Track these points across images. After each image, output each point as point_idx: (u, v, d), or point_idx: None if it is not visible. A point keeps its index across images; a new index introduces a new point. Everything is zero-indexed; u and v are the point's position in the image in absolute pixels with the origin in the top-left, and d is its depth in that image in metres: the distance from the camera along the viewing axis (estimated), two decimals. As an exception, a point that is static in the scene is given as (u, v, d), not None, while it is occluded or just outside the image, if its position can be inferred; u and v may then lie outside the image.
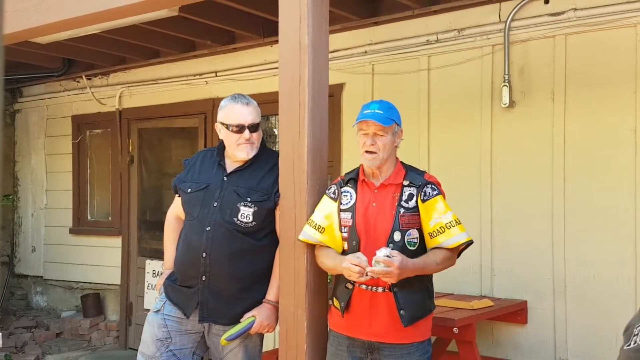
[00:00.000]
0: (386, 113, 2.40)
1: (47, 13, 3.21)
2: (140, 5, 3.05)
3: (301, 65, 2.51)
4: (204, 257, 2.64)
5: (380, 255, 2.20)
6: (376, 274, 2.21)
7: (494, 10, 3.88)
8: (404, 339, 2.37)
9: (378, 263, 2.19)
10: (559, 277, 3.63)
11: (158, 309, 2.78)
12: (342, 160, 4.42)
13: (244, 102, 2.72)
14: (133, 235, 5.86)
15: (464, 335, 3.26)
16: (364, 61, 4.40)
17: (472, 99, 3.95)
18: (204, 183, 2.74)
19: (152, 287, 5.48)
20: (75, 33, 4.32)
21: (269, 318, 2.64)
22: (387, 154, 2.42)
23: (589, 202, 3.55)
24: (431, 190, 2.39)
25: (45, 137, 6.59)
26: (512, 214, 3.80)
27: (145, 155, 5.95)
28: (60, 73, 5.98)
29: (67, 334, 6.06)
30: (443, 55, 4.08)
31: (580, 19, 3.57)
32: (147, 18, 4.10)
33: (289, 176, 2.55)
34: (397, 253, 2.22)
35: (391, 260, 2.18)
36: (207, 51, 5.06)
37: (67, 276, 6.36)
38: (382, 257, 2.19)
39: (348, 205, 2.44)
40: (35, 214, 6.67)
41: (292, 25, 2.54)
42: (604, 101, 3.52)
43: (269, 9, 3.89)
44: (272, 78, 4.46)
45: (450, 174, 3.82)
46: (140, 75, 5.74)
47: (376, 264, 2.20)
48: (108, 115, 6.00)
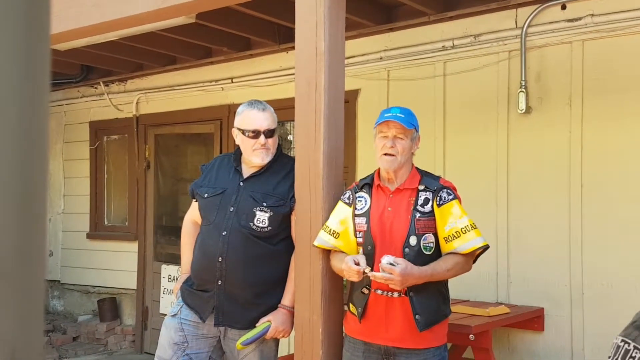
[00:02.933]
0: (407, 117, 2.42)
1: (68, 20, 3.26)
2: (158, 12, 3.09)
3: (317, 71, 2.52)
4: (220, 262, 2.66)
5: (384, 263, 2.21)
6: (378, 279, 2.23)
7: (511, 16, 3.87)
8: (420, 344, 2.37)
9: (382, 270, 2.21)
10: (577, 284, 3.60)
11: (175, 313, 2.80)
12: (357, 166, 4.42)
13: (260, 108, 2.74)
14: (149, 240, 5.90)
15: (480, 342, 3.24)
16: (380, 67, 4.41)
17: (488, 105, 3.94)
18: (220, 188, 2.76)
19: (168, 292, 5.52)
20: (94, 40, 4.38)
21: (285, 323, 2.65)
22: (405, 158, 2.43)
23: (607, 209, 3.52)
24: (447, 194, 2.39)
25: (63, 143, 6.66)
26: (528, 220, 3.78)
27: (161, 161, 6.00)
28: (78, 79, 6.05)
29: (84, 338, 6.11)
30: (459, 61, 4.07)
31: (597, 24, 3.55)
32: (164, 25, 4.14)
33: (305, 182, 2.56)
34: (402, 261, 2.22)
35: (393, 268, 2.18)
36: (223, 57, 5.10)
37: (84, 280, 6.42)
38: (386, 265, 2.20)
39: (363, 210, 2.44)
40: (53, 218, 6.74)
41: (308, 31, 2.55)
42: (622, 107, 3.50)
43: (285, 15, 3.92)
44: (287, 84, 4.48)
45: (466, 180, 3.81)
46: (157, 82, 5.79)
47: (381, 270, 2.21)
48: (125, 121, 6.06)
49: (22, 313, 0.35)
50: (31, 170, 0.35)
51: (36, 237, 0.36)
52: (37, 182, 0.35)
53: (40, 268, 0.36)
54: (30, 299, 0.35)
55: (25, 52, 0.36)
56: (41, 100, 0.37)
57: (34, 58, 0.36)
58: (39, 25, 0.37)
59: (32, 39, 0.36)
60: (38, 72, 0.37)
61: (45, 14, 0.38)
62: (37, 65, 0.37)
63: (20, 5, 0.36)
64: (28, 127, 0.36)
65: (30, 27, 0.36)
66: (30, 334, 0.36)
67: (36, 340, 0.36)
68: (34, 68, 0.37)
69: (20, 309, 0.35)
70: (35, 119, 0.37)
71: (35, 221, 0.36)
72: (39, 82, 0.37)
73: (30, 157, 0.35)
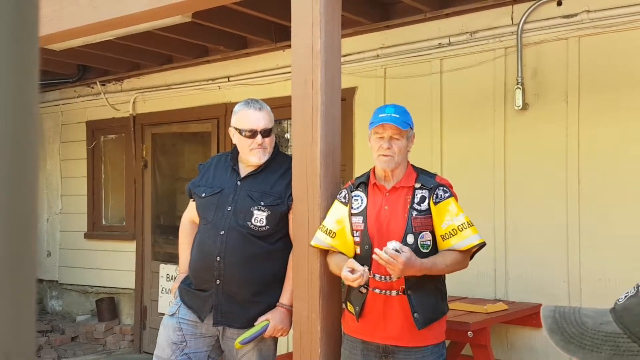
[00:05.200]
0: (402, 117, 2.41)
1: (63, 20, 3.25)
2: (154, 12, 3.08)
3: (314, 69, 2.52)
4: (218, 261, 2.66)
5: (389, 248, 2.20)
6: (381, 259, 2.19)
7: (507, 12, 3.87)
8: (418, 341, 2.37)
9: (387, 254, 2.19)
10: (574, 280, 3.60)
11: (173, 312, 2.79)
12: (354, 164, 4.43)
13: (256, 108, 2.73)
14: (147, 239, 5.90)
15: (479, 339, 3.24)
16: (376, 65, 4.40)
17: (485, 101, 3.94)
18: (218, 187, 2.76)
19: (166, 291, 5.51)
20: (90, 40, 4.37)
21: (283, 322, 2.65)
22: (402, 157, 2.43)
23: (604, 205, 3.53)
24: (443, 192, 2.39)
25: (60, 143, 6.66)
26: (526, 216, 3.78)
27: (158, 160, 5.99)
28: (75, 79, 6.04)
29: (82, 338, 6.11)
30: (455, 58, 4.07)
31: (593, 20, 3.56)
32: (160, 24, 4.14)
33: (302, 180, 2.56)
34: (407, 250, 2.21)
35: (398, 255, 2.17)
36: (220, 56, 5.09)
37: (82, 280, 6.41)
38: (391, 251, 2.19)
39: (359, 209, 2.44)
40: (51, 219, 6.73)
41: (304, 30, 2.55)
42: (618, 103, 3.50)
43: (281, 14, 3.91)
44: (284, 82, 4.48)
45: (463, 177, 3.81)
46: (153, 81, 5.78)
47: (385, 252, 2.19)
48: (122, 121, 6.05)
49: (15, 318, 0.34)
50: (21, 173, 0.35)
51: (27, 240, 0.36)
52: (28, 184, 0.35)
53: (32, 271, 0.36)
54: (22, 303, 0.35)
55: (14, 54, 0.36)
56: (31, 102, 0.37)
57: (22, 59, 0.36)
58: (27, 26, 0.36)
59: (21, 40, 0.36)
60: (27, 72, 0.37)
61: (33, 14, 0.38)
62: (26, 66, 0.36)
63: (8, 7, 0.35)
64: (17, 125, 0.36)
65: (19, 28, 0.36)
66: (23, 338, 0.36)
67: (29, 345, 0.36)
68: (23, 69, 0.36)
69: (13, 314, 0.35)
70: (25, 118, 0.37)
71: (26, 223, 0.36)
72: (28, 82, 0.37)
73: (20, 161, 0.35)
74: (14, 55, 0.35)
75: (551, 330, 0.78)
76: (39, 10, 0.38)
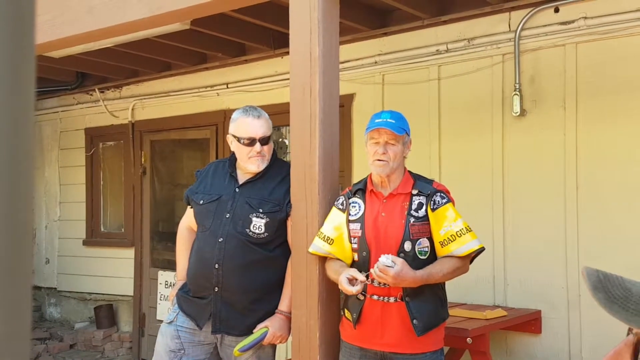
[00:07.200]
0: (398, 122, 2.41)
1: (62, 28, 3.26)
2: (152, 19, 3.09)
3: (312, 76, 2.52)
4: (217, 269, 2.65)
5: (380, 262, 2.21)
6: (375, 275, 2.23)
7: (504, 19, 3.89)
8: (416, 348, 2.37)
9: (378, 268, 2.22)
10: (573, 286, 3.60)
11: (171, 320, 2.79)
12: (352, 170, 4.43)
13: (255, 115, 2.73)
14: (145, 246, 5.89)
15: (478, 346, 3.24)
16: (374, 71, 4.42)
17: (483, 108, 3.95)
18: (216, 194, 2.76)
19: (164, 298, 5.50)
20: (89, 47, 4.38)
21: (282, 329, 2.65)
22: (397, 163, 2.43)
23: (603, 210, 3.53)
24: (440, 198, 2.39)
25: (58, 150, 6.66)
26: (524, 222, 3.78)
27: (157, 167, 5.99)
28: (74, 86, 6.05)
29: (81, 345, 6.09)
30: (453, 64, 4.08)
31: (590, 27, 3.57)
32: (159, 32, 4.15)
33: (301, 187, 2.56)
34: (400, 262, 2.22)
35: (387, 269, 2.18)
36: (218, 63, 5.10)
37: (81, 287, 6.40)
38: (381, 266, 2.20)
39: (357, 216, 2.44)
40: (49, 225, 6.72)
41: (303, 36, 2.56)
42: (616, 109, 3.51)
43: (280, 21, 3.93)
44: (282, 89, 4.48)
45: (461, 183, 3.82)
46: (152, 88, 5.79)
47: (376, 268, 2.22)
48: (121, 128, 6.06)
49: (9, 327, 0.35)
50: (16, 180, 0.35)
51: (22, 247, 0.36)
52: (23, 191, 0.35)
53: (26, 280, 0.36)
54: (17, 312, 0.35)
55: (10, 61, 0.36)
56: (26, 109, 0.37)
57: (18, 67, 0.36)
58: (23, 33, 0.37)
59: (17, 47, 0.36)
60: (23, 80, 0.37)
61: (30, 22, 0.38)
62: (21, 73, 0.37)
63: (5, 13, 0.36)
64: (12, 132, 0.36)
65: (15, 36, 0.36)
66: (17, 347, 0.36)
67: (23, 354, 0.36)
68: (19, 77, 0.37)
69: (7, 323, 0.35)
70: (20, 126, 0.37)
71: (21, 230, 0.36)
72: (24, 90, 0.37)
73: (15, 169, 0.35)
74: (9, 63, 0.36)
75: (595, 287, 0.78)
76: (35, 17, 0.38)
